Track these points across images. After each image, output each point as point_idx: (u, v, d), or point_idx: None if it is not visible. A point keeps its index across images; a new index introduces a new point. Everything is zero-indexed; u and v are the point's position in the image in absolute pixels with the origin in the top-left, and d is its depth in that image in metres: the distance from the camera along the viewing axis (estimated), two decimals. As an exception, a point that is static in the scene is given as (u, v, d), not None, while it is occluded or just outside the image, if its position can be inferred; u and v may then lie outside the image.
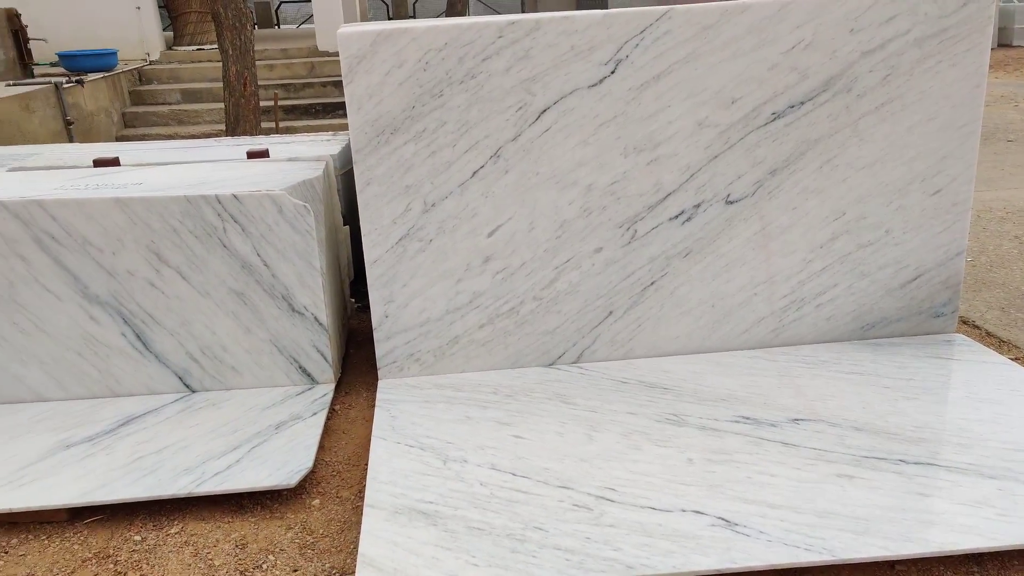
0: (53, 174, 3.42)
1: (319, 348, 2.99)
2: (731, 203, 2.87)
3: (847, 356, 2.97)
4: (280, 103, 7.53)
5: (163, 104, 8.99)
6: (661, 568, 1.88)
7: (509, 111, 2.70)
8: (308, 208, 2.82)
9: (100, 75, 8.40)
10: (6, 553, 2.23)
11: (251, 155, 3.47)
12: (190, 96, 9.06)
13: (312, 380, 3.02)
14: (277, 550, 2.19)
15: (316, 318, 2.96)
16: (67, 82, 7.64)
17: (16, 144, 6.56)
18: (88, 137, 7.74)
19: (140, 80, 9.35)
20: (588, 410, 2.67)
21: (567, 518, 2.09)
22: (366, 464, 2.61)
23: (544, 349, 2.99)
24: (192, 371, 2.98)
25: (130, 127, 8.70)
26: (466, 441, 2.50)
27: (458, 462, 2.38)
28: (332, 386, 3.01)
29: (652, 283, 2.94)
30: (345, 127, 8.63)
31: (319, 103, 8.98)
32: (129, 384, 2.98)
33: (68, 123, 7.27)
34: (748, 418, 2.56)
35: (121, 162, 3.63)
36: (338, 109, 9.03)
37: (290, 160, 3.36)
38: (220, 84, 8.77)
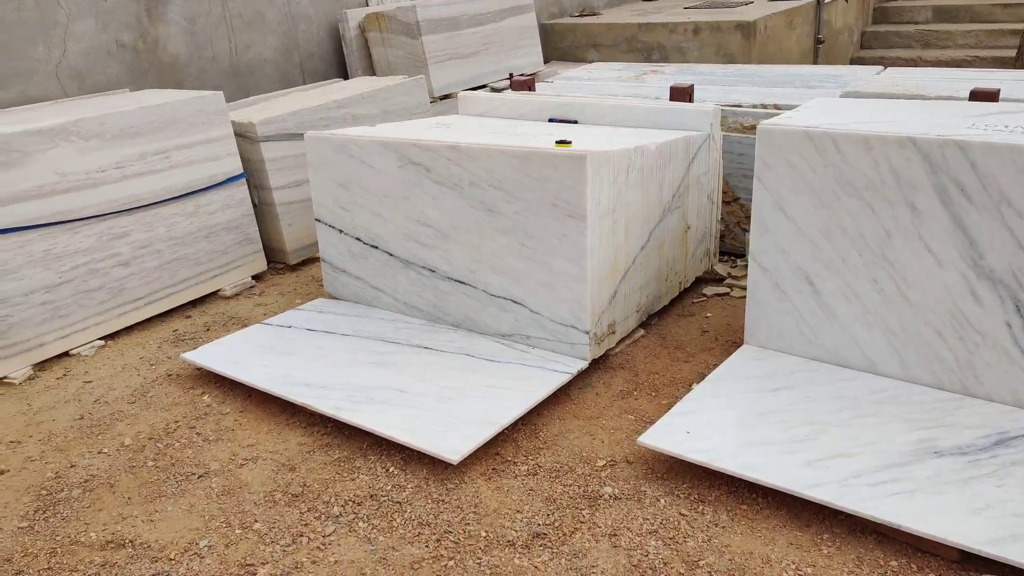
0: (903, 104, 2.89)
1: None
2: None
3: None
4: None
5: (909, 23, 8.07)
6: None
7: None
8: None
9: (848, -9, 7.84)
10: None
11: None
12: (943, 14, 7.93)
13: None
14: None
15: None
16: (823, -2, 7.29)
17: (775, 62, 6.49)
18: (828, 59, 7.38)
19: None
20: None
21: None
22: None
23: None
24: (1094, 396, 2.18)
25: (866, 48, 8.07)
26: None
27: None
28: None
29: None
30: None
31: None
32: (989, 386, 2.34)
33: (819, 41, 6.98)
34: None
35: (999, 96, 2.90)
36: None
37: None
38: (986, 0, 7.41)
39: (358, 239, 3.20)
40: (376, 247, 3.15)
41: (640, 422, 2.51)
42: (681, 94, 3.50)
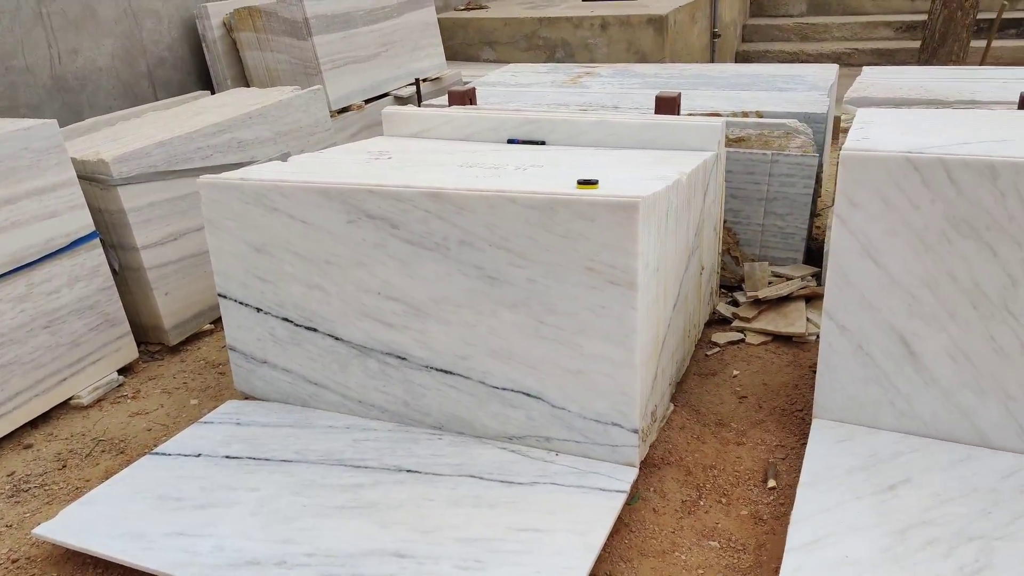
0: (986, 116, 2.45)
1: None
2: None
3: None
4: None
5: (785, 16, 7.98)
6: None
7: None
8: None
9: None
10: None
11: None
12: (817, 7, 7.90)
13: None
14: None
15: None
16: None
17: (682, 59, 6.08)
18: (721, 54, 7.12)
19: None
20: None
21: None
22: None
23: None
24: None
25: (748, 41, 7.90)
26: None
27: None
28: None
29: None
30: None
31: None
32: None
33: (715, 36, 6.68)
34: None
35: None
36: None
37: None
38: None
39: (286, 319, 2.33)
40: (315, 330, 2.30)
41: (730, 550, 1.87)
42: (668, 105, 2.89)
